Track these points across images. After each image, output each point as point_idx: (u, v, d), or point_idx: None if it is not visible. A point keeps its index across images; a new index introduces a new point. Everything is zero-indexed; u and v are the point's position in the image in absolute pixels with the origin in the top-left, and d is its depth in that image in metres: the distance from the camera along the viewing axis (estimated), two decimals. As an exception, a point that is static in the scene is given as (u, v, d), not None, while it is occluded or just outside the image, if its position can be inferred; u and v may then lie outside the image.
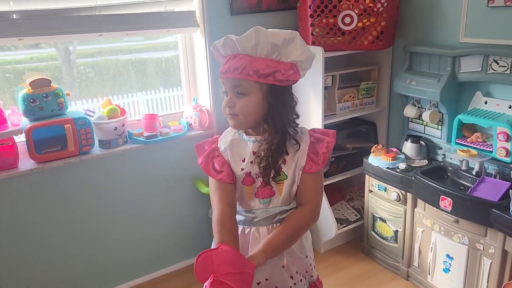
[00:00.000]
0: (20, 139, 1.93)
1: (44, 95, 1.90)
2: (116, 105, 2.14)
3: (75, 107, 2.23)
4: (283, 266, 1.30)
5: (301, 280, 1.35)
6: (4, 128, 1.85)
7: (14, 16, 1.81)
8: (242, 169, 1.25)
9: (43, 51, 2.19)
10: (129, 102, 2.39)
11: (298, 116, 1.28)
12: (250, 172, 1.25)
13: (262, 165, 1.22)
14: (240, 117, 1.21)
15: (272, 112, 1.21)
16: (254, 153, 1.25)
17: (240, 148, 1.27)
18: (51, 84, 1.94)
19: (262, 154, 1.22)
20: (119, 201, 2.23)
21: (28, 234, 2.04)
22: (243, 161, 1.26)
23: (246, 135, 1.29)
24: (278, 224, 1.27)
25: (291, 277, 1.32)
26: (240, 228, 1.29)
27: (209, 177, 1.28)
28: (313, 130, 1.30)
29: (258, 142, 1.25)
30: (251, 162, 1.24)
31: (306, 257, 1.36)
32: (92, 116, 2.08)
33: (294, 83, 1.25)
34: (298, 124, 1.29)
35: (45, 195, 2.03)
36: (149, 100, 2.44)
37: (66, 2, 1.92)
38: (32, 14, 1.85)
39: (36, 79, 1.89)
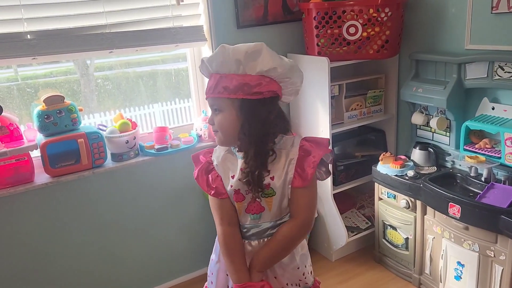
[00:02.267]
0: (36, 154, 2.00)
1: (58, 111, 1.97)
2: (127, 118, 2.20)
3: (93, 120, 2.30)
4: (275, 277, 1.31)
5: None
6: (20, 144, 1.92)
7: (28, 36, 1.89)
8: (231, 186, 1.26)
9: (62, 65, 2.26)
10: (140, 114, 2.45)
11: (276, 128, 1.25)
12: (239, 189, 1.26)
13: (244, 180, 1.22)
14: (219, 133, 1.25)
15: (244, 126, 1.21)
16: (241, 169, 1.25)
17: (231, 163, 1.28)
18: (65, 100, 2.00)
19: (245, 170, 1.23)
20: (131, 212, 2.28)
21: (44, 246, 2.10)
22: (232, 177, 1.26)
23: (238, 150, 1.28)
24: (267, 239, 1.29)
25: None
26: None
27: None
28: (306, 139, 1.28)
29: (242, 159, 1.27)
30: (239, 180, 1.25)
31: (298, 268, 1.34)
32: (104, 130, 2.14)
33: (273, 95, 1.22)
34: (283, 136, 1.28)
35: (60, 207, 2.09)
36: (160, 112, 2.50)
37: (78, 21, 1.99)
38: (45, 34, 1.92)
39: (49, 96, 1.96)
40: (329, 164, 1.32)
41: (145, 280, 2.41)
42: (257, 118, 1.20)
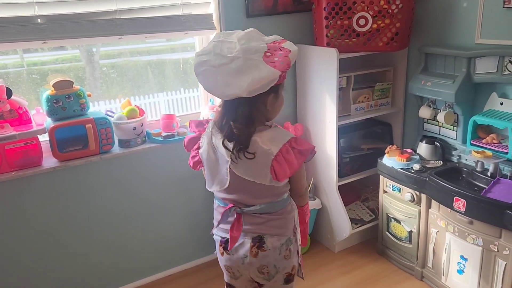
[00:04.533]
0: (44, 138, 2.01)
1: (67, 96, 1.98)
2: (135, 105, 2.21)
3: (98, 107, 2.31)
4: None
5: None
6: (29, 127, 1.94)
7: (39, 20, 1.89)
8: None
9: (68, 52, 2.26)
10: (148, 103, 2.46)
11: None
12: None
13: None
14: None
15: None
16: None
17: None
18: (73, 85, 2.01)
19: None
20: (137, 198, 2.30)
21: (50, 229, 2.12)
22: None
23: None
24: None
25: None
26: None
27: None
28: None
29: None
30: None
31: None
32: (112, 116, 2.15)
33: None
34: None
35: (67, 192, 2.11)
36: (167, 101, 2.51)
37: (88, 6, 1.99)
38: (56, 18, 1.93)
39: (59, 81, 1.97)
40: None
41: (148, 266, 2.43)
42: None
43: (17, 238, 2.05)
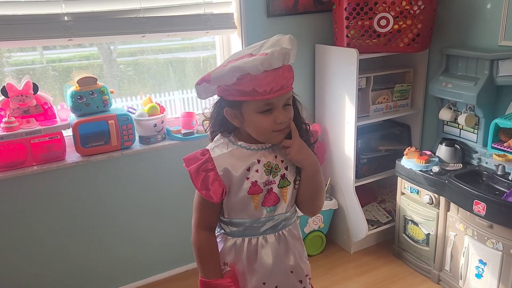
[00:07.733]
0: (68, 133, 2.06)
1: (90, 93, 2.02)
2: (156, 103, 2.24)
3: (115, 104, 2.35)
4: (291, 272, 1.30)
5: (309, 283, 1.36)
6: (53, 122, 1.98)
7: (66, 18, 1.93)
8: (248, 178, 1.20)
9: (86, 50, 2.30)
10: (167, 100, 2.49)
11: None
12: (256, 181, 1.21)
13: (289, 171, 1.24)
14: (287, 128, 1.20)
15: (296, 117, 1.23)
16: (258, 161, 1.22)
17: (242, 158, 1.22)
18: (97, 82, 2.05)
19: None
20: (157, 195, 2.33)
21: (73, 222, 2.17)
22: (248, 170, 1.21)
23: (246, 143, 1.23)
24: (283, 231, 1.28)
25: (300, 281, 1.32)
26: (246, 239, 1.26)
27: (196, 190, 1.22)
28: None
29: (266, 150, 1.23)
30: (257, 171, 1.21)
31: (307, 259, 1.37)
32: (134, 113, 2.18)
33: None
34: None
35: (89, 186, 2.16)
36: (187, 98, 2.53)
37: (113, 4, 2.03)
38: (82, 16, 1.97)
39: (83, 77, 2.01)
40: None
41: (167, 261, 2.46)
42: (298, 107, 1.25)
43: (40, 230, 2.10)
